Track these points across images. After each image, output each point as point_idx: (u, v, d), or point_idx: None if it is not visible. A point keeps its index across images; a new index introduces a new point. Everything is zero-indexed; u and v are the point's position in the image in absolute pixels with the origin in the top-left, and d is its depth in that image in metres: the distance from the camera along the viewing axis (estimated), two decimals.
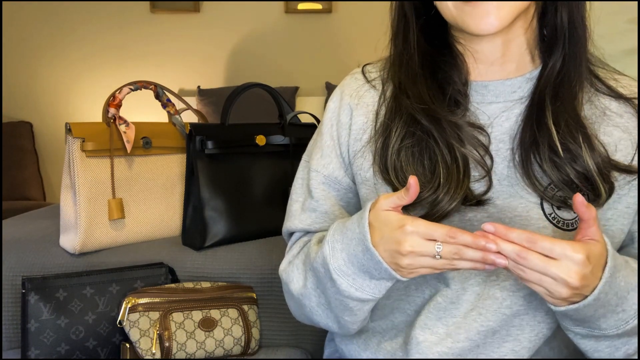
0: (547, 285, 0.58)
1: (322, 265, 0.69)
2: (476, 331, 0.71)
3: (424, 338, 0.72)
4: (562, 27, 0.70)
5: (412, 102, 0.71)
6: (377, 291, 0.67)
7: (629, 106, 0.73)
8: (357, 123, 0.77)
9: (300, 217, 0.81)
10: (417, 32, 0.74)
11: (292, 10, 3.33)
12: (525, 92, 0.72)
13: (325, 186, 0.80)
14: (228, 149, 1.22)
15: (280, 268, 0.81)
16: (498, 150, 0.72)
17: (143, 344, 0.98)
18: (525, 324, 0.72)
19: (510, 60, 0.72)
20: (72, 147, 1.14)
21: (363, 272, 0.66)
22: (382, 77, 0.78)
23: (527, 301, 0.71)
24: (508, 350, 0.72)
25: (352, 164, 0.78)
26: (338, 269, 0.67)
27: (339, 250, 0.67)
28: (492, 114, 0.73)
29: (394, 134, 0.71)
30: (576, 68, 0.71)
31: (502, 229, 0.57)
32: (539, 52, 0.73)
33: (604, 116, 0.72)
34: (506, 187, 0.71)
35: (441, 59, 0.73)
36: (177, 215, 1.29)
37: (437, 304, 0.73)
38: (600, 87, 0.73)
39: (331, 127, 0.80)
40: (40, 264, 1.16)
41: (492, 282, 0.71)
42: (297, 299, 0.76)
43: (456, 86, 0.72)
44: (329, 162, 0.79)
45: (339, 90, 0.81)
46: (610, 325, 0.64)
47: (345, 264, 0.67)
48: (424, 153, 0.70)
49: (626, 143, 0.71)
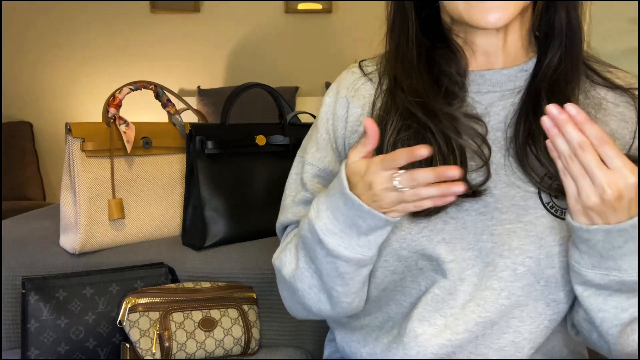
0: (583, 184, 0.58)
1: (308, 230, 0.69)
2: (474, 322, 0.71)
3: (422, 330, 0.72)
4: (561, 26, 0.71)
5: (407, 95, 0.71)
6: (367, 248, 0.67)
7: (625, 96, 0.74)
8: (354, 115, 0.78)
9: (293, 209, 0.81)
10: (416, 25, 0.74)
11: (292, 10, 3.33)
12: (520, 83, 0.73)
13: (320, 179, 0.80)
14: (228, 149, 1.22)
15: (274, 257, 0.80)
16: (495, 139, 0.72)
17: (143, 344, 0.98)
18: (526, 316, 0.71)
19: (507, 52, 0.74)
20: (72, 147, 1.14)
21: (349, 227, 0.66)
22: (379, 71, 0.79)
23: (526, 292, 0.71)
24: (508, 342, 0.72)
25: None
26: (324, 228, 0.67)
27: (324, 210, 0.67)
28: (489, 103, 0.73)
29: (390, 127, 0.71)
30: (573, 66, 0.71)
31: (584, 117, 0.56)
32: (531, 45, 0.75)
33: (600, 106, 0.73)
34: (503, 176, 0.71)
35: (437, 52, 0.74)
36: (177, 215, 1.29)
37: (434, 295, 0.72)
38: (595, 79, 0.74)
39: (327, 121, 0.80)
40: (40, 264, 1.16)
41: (490, 272, 0.71)
42: (290, 284, 0.75)
43: (453, 78, 0.72)
44: (325, 155, 0.80)
45: (335, 85, 0.82)
46: (631, 267, 0.62)
47: (330, 222, 0.66)
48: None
49: (623, 132, 0.72)
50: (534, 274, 0.70)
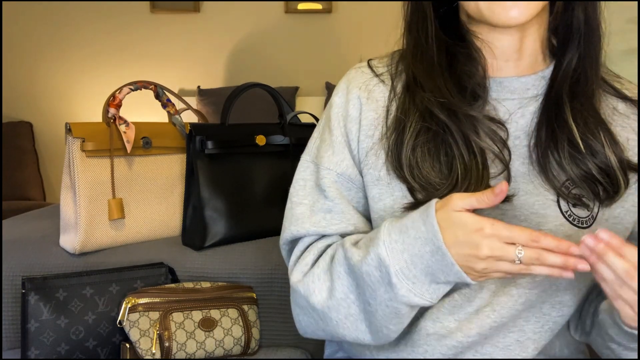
0: (631, 299, 0.57)
1: (377, 268, 0.63)
2: (489, 327, 0.70)
3: (434, 330, 0.71)
4: (578, 25, 0.70)
5: (427, 95, 0.69)
6: (435, 296, 0.63)
7: (634, 108, 0.74)
8: (368, 119, 0.74)
9: (312, 219, 0.74)
10: (435, 24, 0.73)
11: (292, 10, 3.33)
12: (539, 90, 0.73)
13: (339, 185, 0.75)
14: (228, 149, 1.22)
15: (294, 279, 0.73)
16: (514, 147, 0.71)
17: (143, 344, 0.98)
18: (531, 315, 0.71)
19: (524, 57, 0.73)
20: (72, 147, 1.14)
21: (425, 275, 0.62)
22: (390, 72, 0.76)
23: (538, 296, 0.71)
24: (513, 340, 0.72)
25: (362, 162, 0.74)
26: (400, 272, 0.62)
27: (400, 251, 0.62)
28: (507, 110, 0.72)
29: (409, 130, 0.69)
30: (592, 66, 0.71)
31: (619, 241, 0.55)
32: (549, 51, 0.74)
33: (613, 115, 0.73)
34: (522, 184, 0.70)
35: (459, 51, 0.72)
36: (177, 215, 1.29)
37: (452, 300, 0.71)
38: (607, 88, 0.74)
39: (339, 122, 0.76)
40: (40, 264, 1.16)
41: (509, 280, 0.70)
42: (321, 313, 0.70)
43: (476, 79, 0.71)
44: (342, 159, 0.75)
45: (345, 84, 0.78)
46: None
47: (407, 266, 0.62)
48: (440, 148, 0.68)
49: (633, 143, 0.73)
50: (550, 281, 0.70)
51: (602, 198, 0.69)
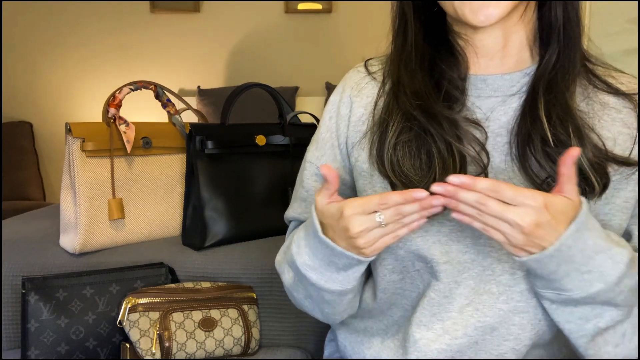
0: (504, 229, 0.60)
1: (292, 262, 0.74)
2: (474, 327, 0.71)
3: (420, 335, 0.72)
4: (557, 23, 0.71)
5: (408, 98, 0.72)
6: (347, 282, 0.71)
7: (627, 101, 0.73)
8: (356, 114, 0.78)
9: (293, 205, 0.86)
10: (416, 30, 0.75)
11: (292, 10, 3.33)
12: (522, 87, 0.73)
13: (317, 177, 0.83)
14: (228, 149, 1.22)
15: (276, 259, 0.84)
16: (495, 144, 0.72)
17: (143, 344, 0.98)
18: (527, 323, 0.71)
19: (510, 55, 0.73)
20: (72, 147, 1.14)
21: (327, 264, 0.70)
22: (383, 70, 0.79)
23: (525, 297, 0.70)
24: (508, 349, 0.72)
25: (351, 155, 0.79)
26: (304, 264, 0.71)
27: (303, 246, 0.72)
28: (489, 108, 0.73)
29: (391, 129, 0.72)
30: (570, 62, 0.71)
31: (468, 179, 0.59)
32: (537, 48, 0.74)
33: (603, 111, 0.72)
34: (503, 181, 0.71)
35: (439, 56, 0.74)
36: (177, 215, 1.29)
37: (430, 299, 0.73)
38: (598, 84, 0.74)
39: (329, 119, 0.82)
40: (40, 264, 1.16)
41: (488, 276, 0.71)
42: (289, 291, 0.80)
43: (453, 82, 0.72)
44: (323, 154, 0.81)
45: (342, 85, 0.83)
46: (575, 286, 0.63)
47: (310, 259, 0.71)
48: (421, 148, 0.70)
49: (625, 137, 0.72)
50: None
51: (586, 194, 0.68)
